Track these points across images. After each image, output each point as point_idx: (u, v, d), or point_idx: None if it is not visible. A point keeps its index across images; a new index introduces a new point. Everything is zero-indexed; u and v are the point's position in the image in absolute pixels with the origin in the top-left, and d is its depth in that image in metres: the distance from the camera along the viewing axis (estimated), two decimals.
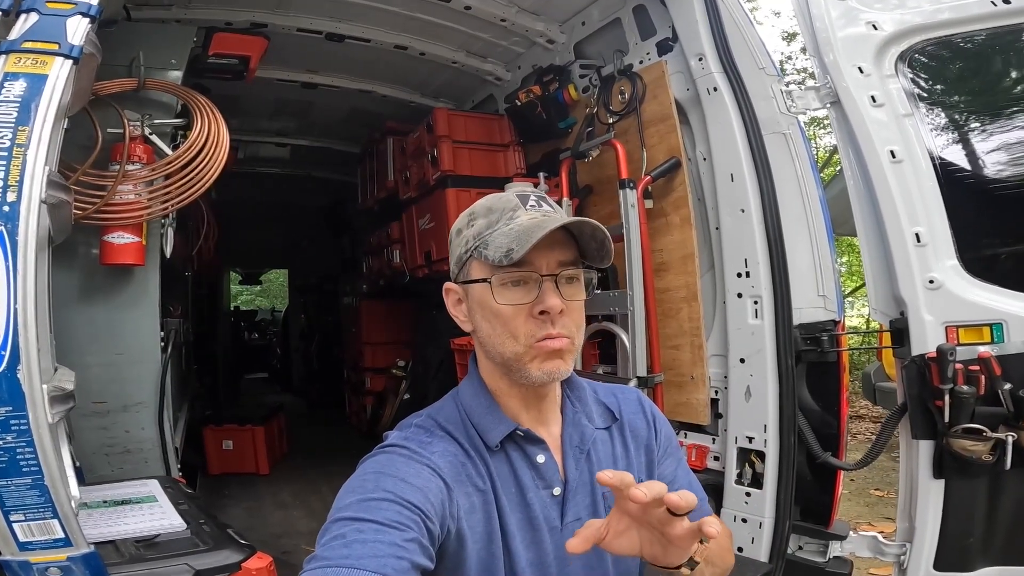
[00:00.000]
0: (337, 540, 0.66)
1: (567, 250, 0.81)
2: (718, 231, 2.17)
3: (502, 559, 0.80)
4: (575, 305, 0.82)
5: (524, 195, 0.84)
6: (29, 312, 1.10)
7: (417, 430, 0.84)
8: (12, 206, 1.12)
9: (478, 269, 0.82)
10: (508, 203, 0.83)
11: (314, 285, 7.41)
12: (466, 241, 0.83)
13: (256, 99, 3.59)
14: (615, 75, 2.48)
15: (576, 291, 0.82)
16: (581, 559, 0.83)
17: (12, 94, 1.15)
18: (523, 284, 0.79)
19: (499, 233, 0.79)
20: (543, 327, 0.79)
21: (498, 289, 0.79)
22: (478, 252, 0.81)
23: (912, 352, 1.70)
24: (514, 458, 0.84)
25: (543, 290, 0.78)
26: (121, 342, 2.09)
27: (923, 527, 1.70)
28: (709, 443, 2.26)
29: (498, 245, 0.78)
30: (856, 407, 6.70)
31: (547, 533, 0.83)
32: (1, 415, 1.05)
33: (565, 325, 0.80)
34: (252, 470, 4.25)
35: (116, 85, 1.95)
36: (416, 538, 0.69)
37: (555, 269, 0.79)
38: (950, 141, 1.81)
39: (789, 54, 8.80)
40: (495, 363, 0.84)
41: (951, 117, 1.83)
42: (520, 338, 0.79)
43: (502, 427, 0.83)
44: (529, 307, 0.79)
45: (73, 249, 1.99)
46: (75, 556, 1.11)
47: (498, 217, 0.81)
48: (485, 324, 0.82)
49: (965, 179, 1.78)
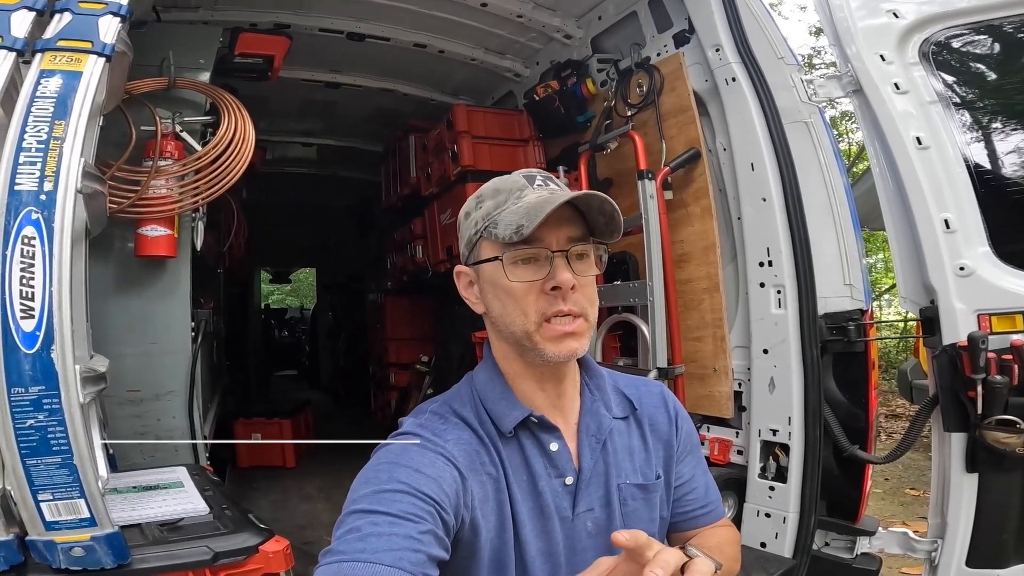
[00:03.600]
0: (352, 533, 0.66)
1: (576, 226, 0.81)
2: (740, 221, 2.15)
3: (513, 547, 0.80)
4: (586, 280, 0.81)
5: (531, 175, 0.84)
6: (64, 295, 1.15)
7: (432, 416, 0.84)
8: (49, 195, 1.17)
9: (488, 248, 0.81)
10: (515, 183, 0.83)
11: (341, 283, 7.51)
12: (475, 223, 0.83)
13: (282, 100, 3.68)
14: (632, 68, 2.48)
15: (587, 267, 0.81)
16: (592, 550, 0.82)
17: (49, 90, 1.20)
18: (534, 262, 0.79)
19: (508, 211, 0.79)
20: (554, 303, 0.78)
21: (509, 267, 0.78)
22: (488, 232, 0.81)
23: (943, 341, 1.66)
24: (526, 446, 0.83)
25: (554, 266, 0.78)
26: (154, 332, 2.16)
27: (955, 523, 1.65)
28: (732, 437, 2.23)
29: (507, 223, 0.78)
30: (892, 406, 6.50)
31: (558, 523, 0.82)
32: (34, 394, 1.09)
33: (577, 301, 0.79)
34: (279, 463, 4.34)
35: (148, 84, 2.03)
36: (431, 530, 0.68)
37: (565, 245, 0.79)
38: (978, 126, 1.77)
39: (818, 48, 8.60)
40: (508, 343, 0.83)
41: (978, 103, 1.80)
42: (531, 315, 0.78)
43: (516, 413, 0.82)
44: (541, 283, 0.78)
45: (110, 242, 2.07)
46: (99, 536, 1.14)
47: (506, 197, 0.81)
48: (497, 303, 0.82)
49: (995, 164, 1.74)
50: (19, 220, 1.13)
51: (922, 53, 1.73)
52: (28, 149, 1.16)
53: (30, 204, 1.15)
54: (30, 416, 1.09)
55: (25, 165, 1.16)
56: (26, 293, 1.12)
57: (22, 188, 1.15)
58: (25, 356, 1.11)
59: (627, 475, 0.87)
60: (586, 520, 0.84)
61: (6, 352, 1.09)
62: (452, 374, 4.07)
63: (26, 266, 1.12)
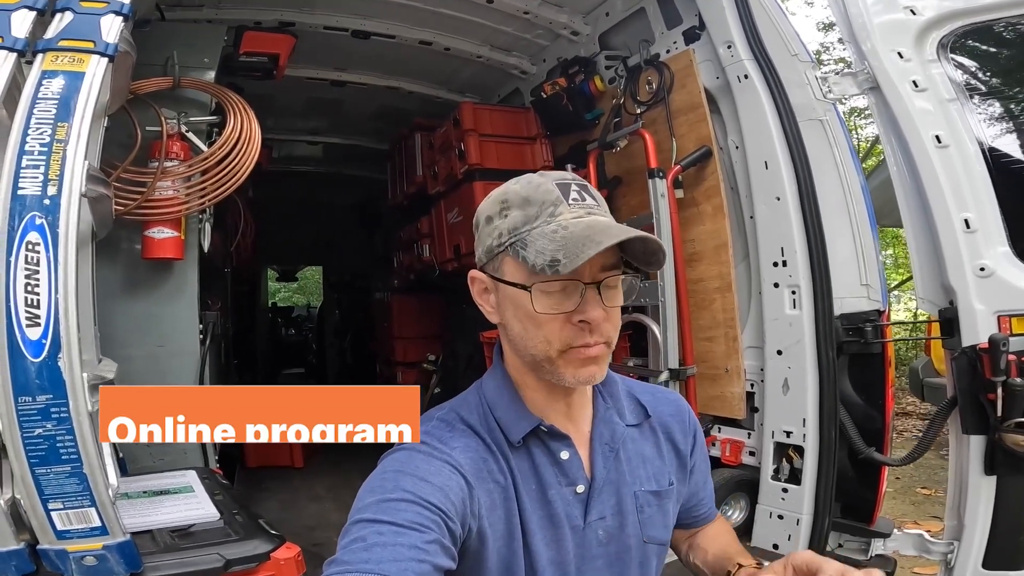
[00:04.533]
0: (357, 543, 0.65)
1: (611, 253, 0.75)
2: (752, 220, 2.12)
3: (522, 557, 0.78)
4: (614, 311, 0.76)
5: (564, 184, 0.76)
6: (70, 302, 1.14)
7: (439, 424, 0.82)
8: (53, 199, 1.16)
9: (514, 269, 0.76)
10: (548, 195, 0.75)
11: (348, 281, 7.51)
12: (499, 234, 0.77)
13: (289, 98, 3.67)
14: (641, 65, 2.45)
15: (616, 296, 0.76)
16: (603, 559, 0.81)
17: (51, 91, 1.19)
18: (563, 290, 0.74)
19: (540, 233, 0.73)
20: (581, 336, 0.74)
21: (537, 296, 0.74)
22: (514, 250, 0.75)
23: (962, 343, 1.63)
24: (536, 454, 0.81)
25: (585, 299, 0.73)
26: (162, 334, 2.16)
27: (972, 525, 1.63)
28: (744, 438, 2.21)
29: (540, 249, 0.72)
30: (903, 403, 6.46)
31: (568, 531, 0.80)
32: (42, 403, 1.08)
33: (604, 332, 0.75)
34: (287, 463, 4.34)
35: (152, 84, 2.01)
36: (437, 539, 0.67)
37: (598, 276, 0.74)
38: (999, 125, 1.74)
39: (827, 44, 8.48)
40: (523, 360, 0.80)
41: (999, 101, 1.77)
42: (555, 343, 0.75)
43: (525, 423, 0.80)
44: (569, 315, 0.74)
45: (116, 244, 2.06)
46: (110, 545, 1.14)
47: (537, 212, 0.75)
48: (517, 324, 0.77)
49: (1016, 163, 1.71)
50: (23, 226, 1.12)
51: (941, 50, 1.70)
52: (31, 152, 1.15)
53: (34, 209, 1.13)
54: (38, 425, 1.08)
55: (28, 169, 1.14)
56: (31, 300, 1.11)
57: (26, 193, 1.13)
58: (32, 364, 1.10)
59: (642, 482, 0.86)
60: (597, 529, 0.82)
61: (12, 361, 1.08)
62: (459, 373, 4.06)
63: (31, 273, 1.11)
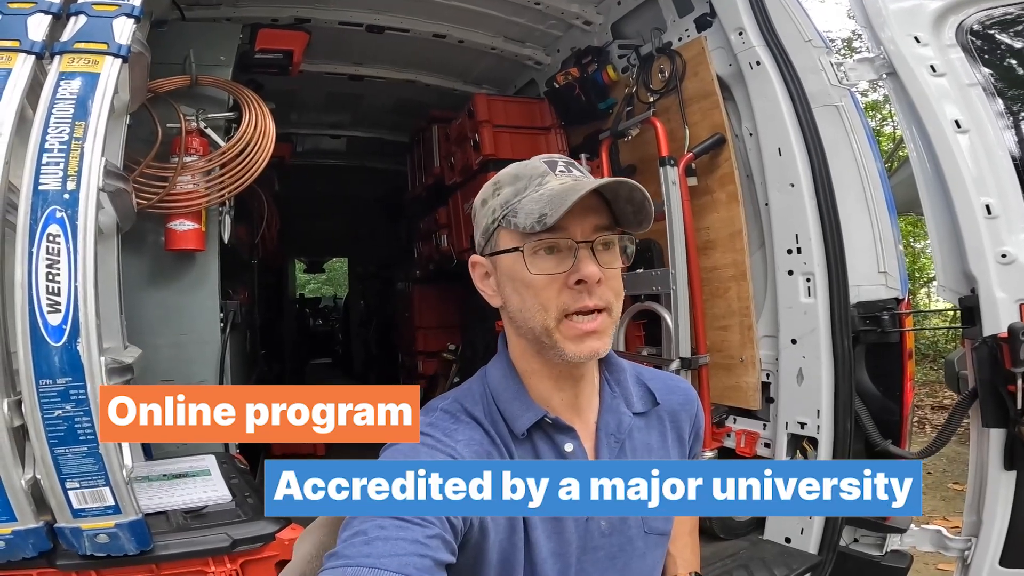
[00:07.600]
0: (358, 537, 0.65)
1: (602, 215, 0.76)
2: (767, 207, 2.09)
3: (522, 549, 0.78)
4: (612, 273, 0.76)
5: (552, 160, 0.79)
6: (89, 289, 1.20)
7: (442, 415, 0.82)
8: (72, 194, 1.22)
9: (507, 238, 0.77)
10: (535, 169, 0.78)
11: (372, 272, 7.61)
12: (492, 211, 0.79)
13: (310, 94, 3.73)
14: (654, 54, 2.42)
15: (613, 258, 0.76)
16: (605, 550, 0.81)
17: (68, 92, 1.25)
18: (556, 252, 0.74)
19: (529, 199, 0.75)
20: (579, 298, 0.74)
21: (531, 258, 0.74)
22: (506, 221, 0.76)
23: (983, 332, 1.58)
24: (540, 446, 0.80)
25: (579, 258, 0.73)
26: (185, 323, 2.24)
27: (991, 521, 1.59)
28: (760, 429, 2.17)
29: (528, 211, 0.73)
30: (939, 397, 6.25)
31: (571, 523, 0.80)
32: (62, 385, 1.15)
33: (602, 295, 0.74)
34: (310, 451, 4.45)
35: (171, 82, 2.08)
36: (439, 534, 0.67)
37: (591, 235, 0.74)
38: (1021, 109, 1.66)
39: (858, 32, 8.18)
40: (526, 340, 0.79)
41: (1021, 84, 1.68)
42: (551, 310, 0.74)
43: (530, 414, 0.80)
44: (564, 277, 0.74)
45: (143, 237, 2.14)
46: (122, 523, 1.20)
47: (526, 184, 0.77)
48: (515, 296, 0.77)
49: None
50: (44, 218, 1.18)
51: (960, 34, 1.65)
52: (51, 150, 1.21)
53: (54, 203, 1.19)
54: (58, 407, 1.15)
55: (48, 165, 1.20)
56: (52, 288, 1.17)
57: (46, 188, 1.20)
58: (53, 349, 1.16)
59: None
60: (600, 520, 0.82)
61: (34, 345, 1.14)
62: (478, 362, 4.04)
63: (52, 263, 1.17)
